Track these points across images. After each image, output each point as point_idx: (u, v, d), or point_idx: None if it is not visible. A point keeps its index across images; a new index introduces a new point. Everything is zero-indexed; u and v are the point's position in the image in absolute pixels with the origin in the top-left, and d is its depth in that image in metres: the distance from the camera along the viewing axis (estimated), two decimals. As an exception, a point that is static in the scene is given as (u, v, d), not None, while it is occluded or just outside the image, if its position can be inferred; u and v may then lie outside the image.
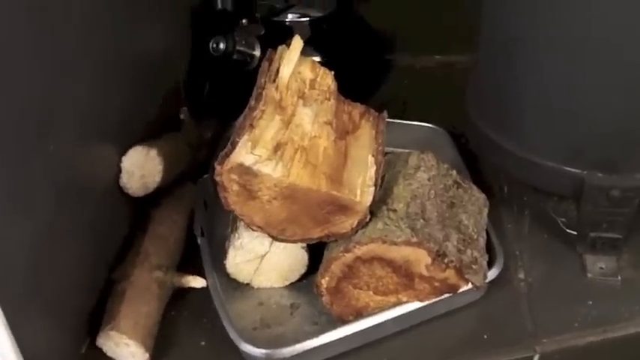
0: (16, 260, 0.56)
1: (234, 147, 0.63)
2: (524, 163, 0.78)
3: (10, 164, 0.54)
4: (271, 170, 0.63)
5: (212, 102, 0.97)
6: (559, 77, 0.73)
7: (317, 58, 0.93)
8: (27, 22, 0.56)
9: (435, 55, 1.13)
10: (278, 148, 0.64)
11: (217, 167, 0.63)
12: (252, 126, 0.65)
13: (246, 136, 0.64)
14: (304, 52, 0.77)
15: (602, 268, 0.78)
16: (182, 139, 0.86)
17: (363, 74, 1.05)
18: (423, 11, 1.08)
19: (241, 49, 0.93)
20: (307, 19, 0.99)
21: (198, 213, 0.81)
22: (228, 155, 0.63)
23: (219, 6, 1.01)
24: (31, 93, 0.58)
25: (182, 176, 0.84)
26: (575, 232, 0.80)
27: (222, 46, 0.91)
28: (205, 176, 0.85)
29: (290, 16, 0.99)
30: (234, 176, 0.63)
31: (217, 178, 0.63)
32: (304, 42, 0.77)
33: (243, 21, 0.96)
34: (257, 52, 0.94)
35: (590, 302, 0.75)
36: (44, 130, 0.60)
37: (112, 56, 0.73)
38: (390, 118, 0.81)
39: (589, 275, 0.77)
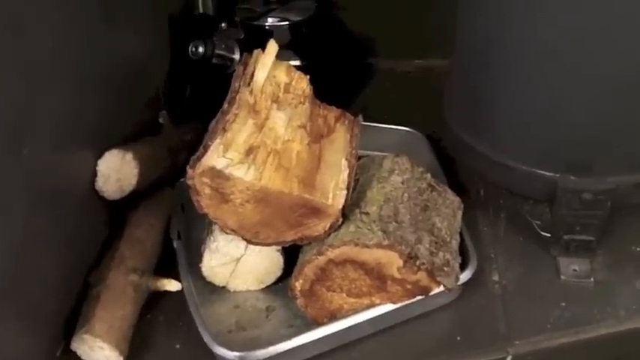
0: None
1: (206, 150, 0.63)
2: (498, 166, 0.79)
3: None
4: (243, 174, 0.63)
5: (192, 106, 0.98)
6: (531, 81, 0.74)
7: (297, 62, 0.94)
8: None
9: (415, 60, 1.14)
10: (250, 151, 0.65)
11: (189, 171, 0.63)
12: (224, 129, 0.65)
13: (218, 140, 0.64)
14: (284, 56, 0.78)
15: (575, 270, 0.79)
16: (161, 143, 0.86)
17: (343, 78, 1.06)
18: (403, 15, 1.08)
19: (221, 52, 0.93)
20: (287, 23, 0.99)
21: (176, 216, 0.81)
22: (199, 159, 0.63)
23: (200, 10, 1.02)
24: (3, 98, 0.58)
25: (161, 180, 0.84)
26: (549, 235, 0.80)
27: (201, 49, 0.92)
28: (183, 180, 0.85)
29: (270, 20, 0.99)
30: (206, 180, 0.64)
31: (189, 182, 0.64)
32: (284, 46, 0.78)
33: (223, 25, 0.96)
34: (236, 56, 0.94)
35: (564, 304, 0.75)
36: (17, 135, 0.60)
37: (88, 61, 0.73)
38: (370, 121, 0.82)
39: (562, 277, 0.78)
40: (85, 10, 0.72)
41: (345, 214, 0.68)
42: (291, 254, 0.73)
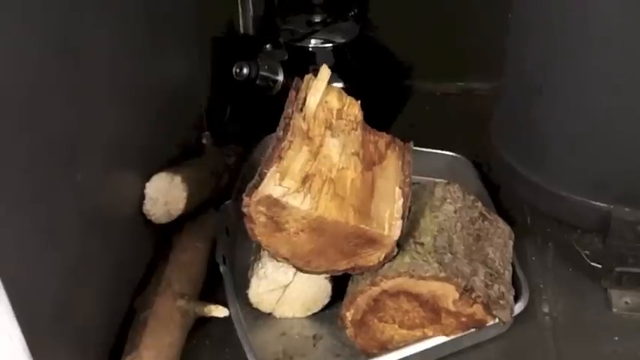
0: (45, 293, 0.56)
1: (262, 178, 0.62)
2: (551, 196, 0.78)
3: (39, 198, 0.54)
4: (300, 203, 0.62)
5: (234, 127, 0.97)
6: (585, 111, 0.73)
7: (339, 84, 0.93)
8: (55, 58, 0.57)
9: (455, 82, 1.14)
10: (306, 179, 0.64)
11: (245, 199, 0.62)
12: (280, 157, 0.64)
13: (274, 168, 0.63)
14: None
15: (627, 302, 0.77)
16: (205, 165, 0.86)
17: (384, 100, 1.05)
18: (443, 38, 1.08)
19: (264, 74, 0.93)
20: (330, 45, 0.99)
21: (221, 240, 0.80)
22: (256, 187, 0.62)
23: (242, 31, 1.02)
24: (59, 125, 0.58)
25: (205, 203, 0.84)
26: (599, 265, 0.79)
27: (245, 71, 0.92)
28: (227, 202, 0.84)
29: (313, 42, 0.99)
30: (261, 208, 0.63)
31: (245, 210, 0.63)
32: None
33: (267, 46, 0.96)
34: (280, 77, 0.94)
35: (616, 338, 0.74)
36: (71, 161, 0.60)
37: (136, 86, 0.73)
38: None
39: (614, 310, 0.76)
40: (134, 38, 0.72)
41: (400, 243, 0.67)
42: (339, 282, 0.72)
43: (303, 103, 0.71)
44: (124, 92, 0.70)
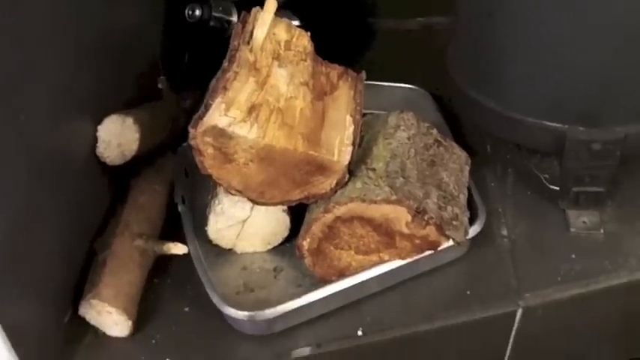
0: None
1: (207, 109, 0.62)
2: (505, 120, 0.77)
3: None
4: (246, 132, 0.62)
5: (190, 70, 0.96)
6: (538, 32, 0.72)
7: (297, 23, 0.92)
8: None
9: (416, 18, 1.12)
10: (253, 109, 0.64)
11: (191, 130, 0.62)
12: (225, 88, 0.64)
13: (219, 99, 0.63)
14: (283, 16, 0.76)
15: (585, 222, 0.78)
16: (161, 108, 0.85)
17: (345, 38, 1.04)
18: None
19: (217, 15, 0.91)
20: (285, -18, 0.97)
21: (179, 181, 0.80)
22: (201, 118, 0.62)
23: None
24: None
25: (163, 146, 0.83)
26: (558, 188, 0.79)
27: (197, 12, 0.90)
28: (185, 144, 0.84)
29: (267, -20, 0.97)
30: (208, 139, 0.62)
31: (192, 142, 0.63)
32: (284, 6, 0.76)
33: (219, -14, 0.94)
34: (234, 18, 0.92)
35: (574, 256, 0.75)
36: (14, 103, 0.59)
37: (84, 27, 0.71)
38: (372, 80, 0.80)
39: (572, 230, 0.77)
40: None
41: (352, 170, 0.67)
42: (298, 215, 0.73)
43: (250, 36, 0.70)
44: (69, 35, 0.69)
